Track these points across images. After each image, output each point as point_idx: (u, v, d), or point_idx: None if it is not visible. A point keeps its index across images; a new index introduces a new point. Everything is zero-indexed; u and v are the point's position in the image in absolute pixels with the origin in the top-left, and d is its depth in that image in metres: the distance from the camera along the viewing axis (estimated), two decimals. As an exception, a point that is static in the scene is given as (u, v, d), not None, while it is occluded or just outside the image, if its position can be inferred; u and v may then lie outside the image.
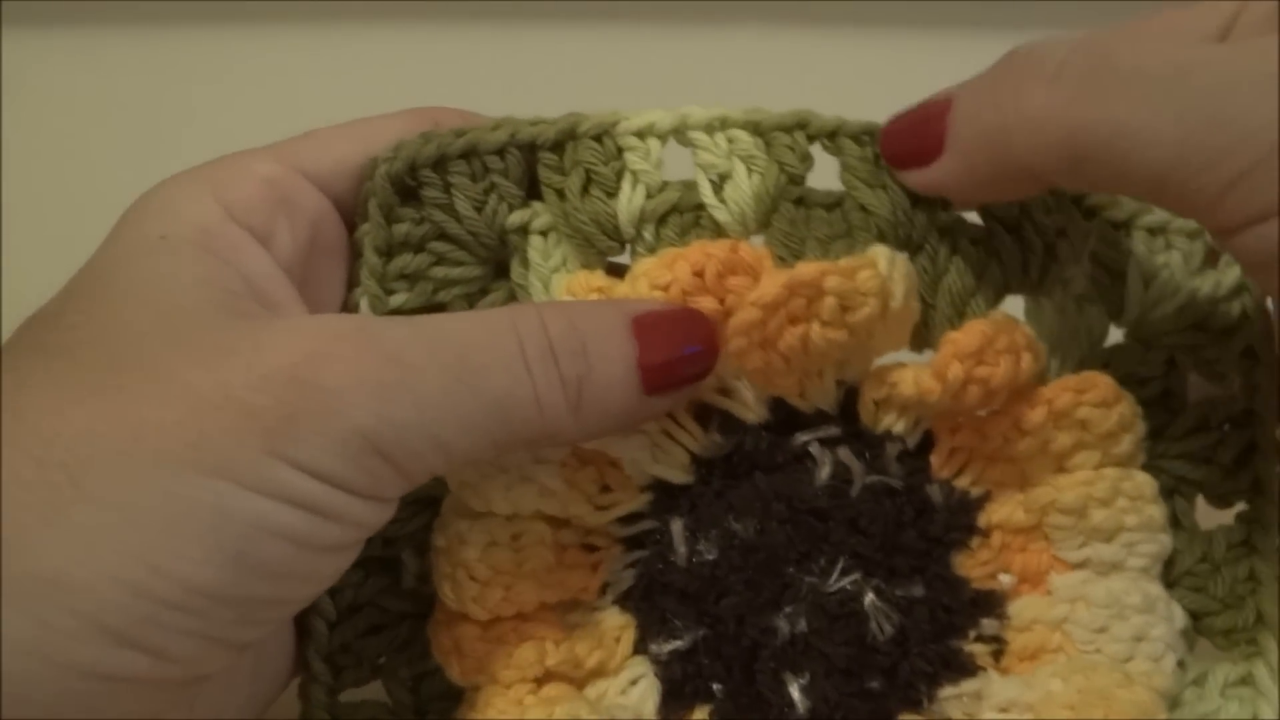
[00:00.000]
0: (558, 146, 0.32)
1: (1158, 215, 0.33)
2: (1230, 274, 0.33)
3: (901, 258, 0.31)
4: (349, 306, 0.33)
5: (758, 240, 0.32)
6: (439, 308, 0.33)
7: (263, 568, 0.26)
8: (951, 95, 0.30)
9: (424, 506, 0.33)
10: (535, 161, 0.33)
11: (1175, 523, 0.33)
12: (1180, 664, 0.32)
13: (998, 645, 0.33)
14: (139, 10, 0.59)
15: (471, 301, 0.33)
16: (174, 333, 0.27)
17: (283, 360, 0.26)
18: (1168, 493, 0.33)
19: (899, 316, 0.31)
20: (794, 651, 0.32)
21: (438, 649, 0.32)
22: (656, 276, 0.30)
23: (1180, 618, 0.33)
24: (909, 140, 0.31)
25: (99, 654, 0.24)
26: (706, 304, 0.30)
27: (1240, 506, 0.34)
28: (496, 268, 0.33)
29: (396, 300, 0.32)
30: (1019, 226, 0.33)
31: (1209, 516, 0.34)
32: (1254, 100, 0.25)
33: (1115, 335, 0.34)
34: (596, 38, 0.58)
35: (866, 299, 0.30)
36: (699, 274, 0.30)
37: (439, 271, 0.33)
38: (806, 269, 0.30)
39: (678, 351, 0.30)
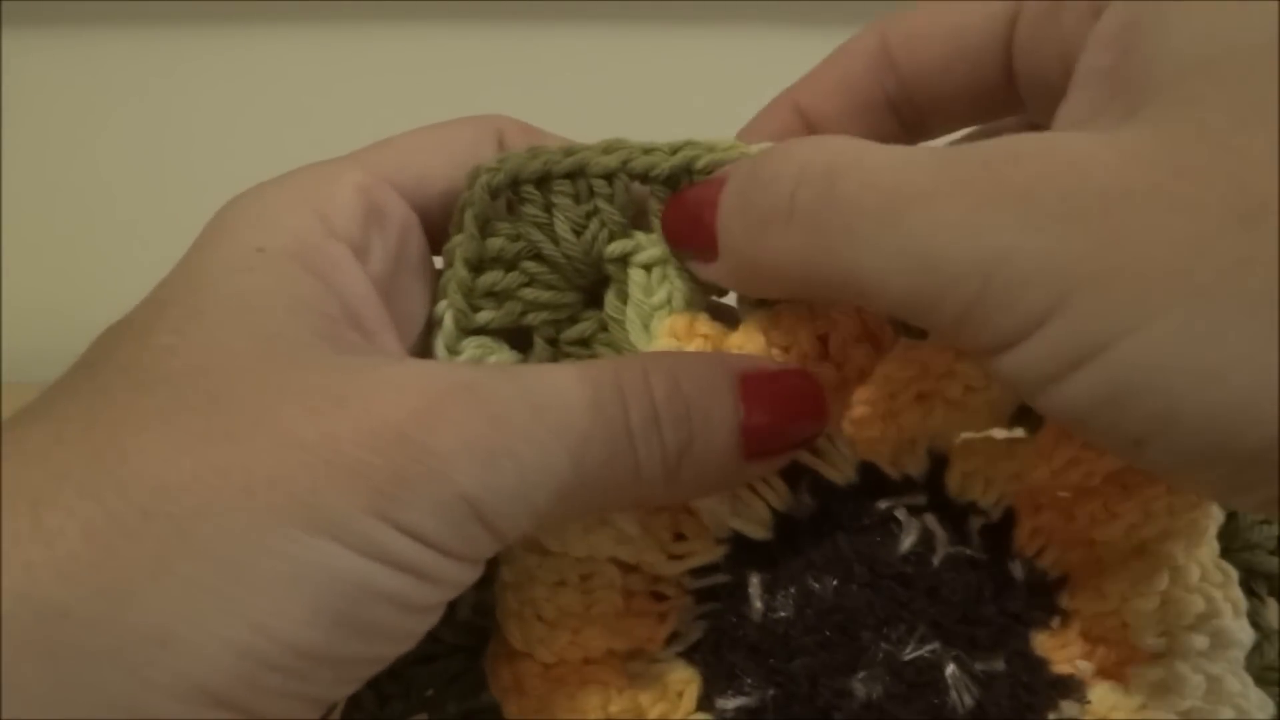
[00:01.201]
0: (673, 181, 0.31)
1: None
2: None
3: None
4: (433, 321, 0.32)
5: None
6: (525, 330, 0.32)
7: (364, 630, 0.25)
8: (716, 197, 0.29)
9: None
10: (645, 189, 0.32)
11: (1252, 621, 0.32)
12: None
13: None
14: (139, 10, 0.59)
15: (559, 328, 0.32)
16: (278, 369, 0.26)
17: (391, 416, 0.25)
18: (1243, 587, 0.32)
19: (1009, 398, 0.30)
20: (868, 717, 0.31)
21: (496, 684, 0.31)
22: (776, 337, 0.30)
23: (1270, 708, 0.32)
24: (686, 236, 0.30)
25: (196, 714, 0.23)
26: (826, 372, 0.30)
27: None
28: (590, 296, 0.32)
29: (482, 317, 0.31)
30: None
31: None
32: (956, 237, 0.24)
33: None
34: (596, 38, 0.58)
35: (991, 383, 0.29)
36: (823, 339, 0.30)
37: (529, 293, 0.32)
38: (943, 356, 0.29)
39: (785, 418, 0.29)
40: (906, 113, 0.33)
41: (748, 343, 0.30)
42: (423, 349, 0.32)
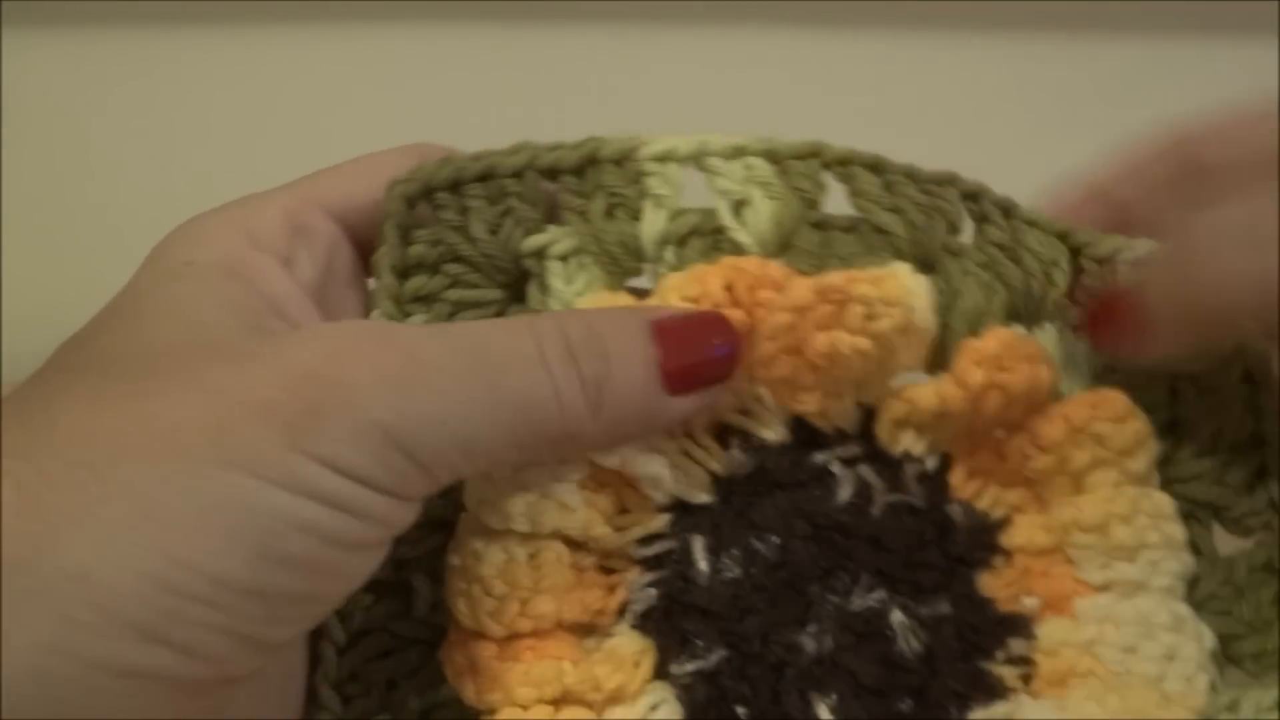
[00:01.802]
0: (579, 171, 0.33)
1: (1140, 248, 0.33)
2: None
3: (921, 276, 0.31)
4: None
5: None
6: None
7: (287, 562, 0.26)
8: (1137, 290, 0.32)
9: (436, 529, 0.33)
10: (555, 186, 0.33)
11: (1194, 549, 0.33)
12: (1213, 686, 0.32)
13: (1026, 668, 0.32)
14: (139, 10, 0.59)
15: None
16: (201, 345, 0.28)
17: (305, 359, 0.27)
18: (1183, 517, 0.33)
19: (920, 331, 0.31)
20: (821, 671, 0.31)
21: (451, 669, 0.32)
22: (686, 289, 0.31)
23: (1209, 638, 0.32)
24: (1112, 329, 0.33)
25: (125, 649, 0.24)
26: (735, 316, 0.30)
27: (1259, 535, 0.34)
28: (514, 292, 0.34)
29: (413, 322, 0.33)
30: (1018, 257, 0.33)
31: (1228, 545, 0.34)
32: None
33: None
34: (596, 38, 0.58)
35: (891, 307, 0.30)
36: (729, 288, 0.30)
37: (454, 294, 0.33)
38: (835, 277, 0.30)
39: (700, 351, 0.30)
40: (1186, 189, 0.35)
41: (661, 302, 0.31)
42: None
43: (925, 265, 0.33)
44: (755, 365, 0.31)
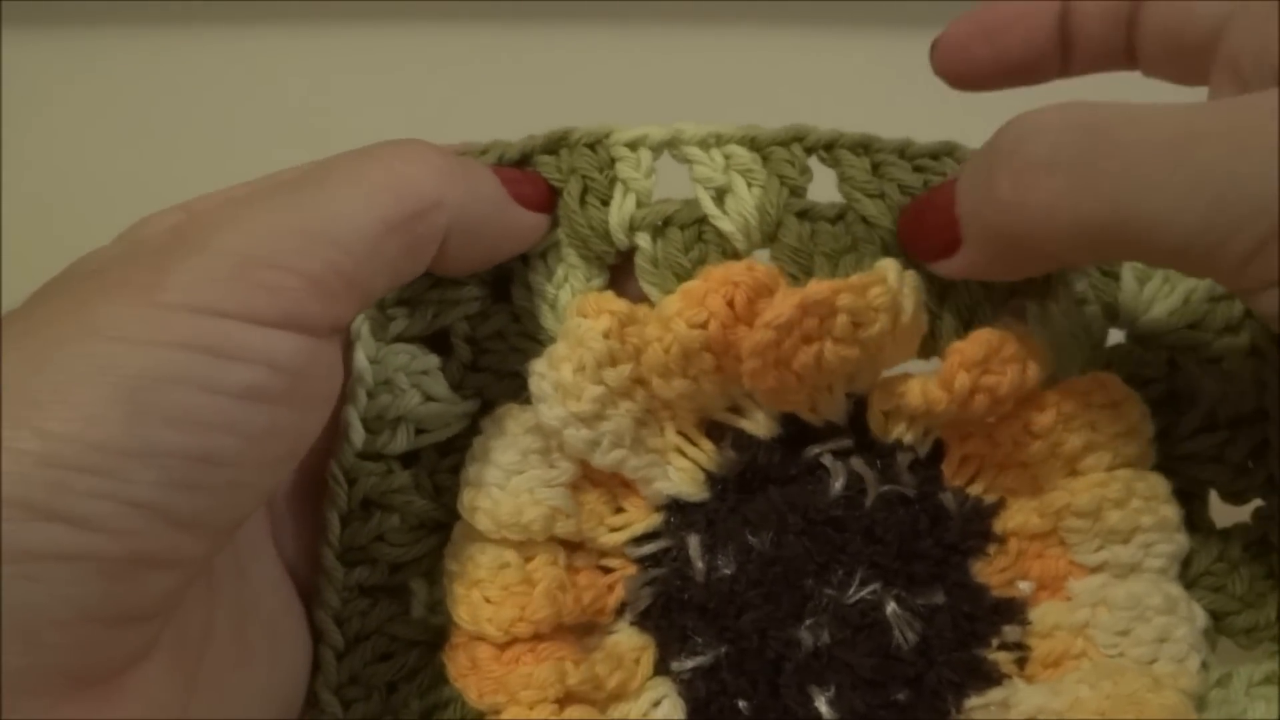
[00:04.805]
0: (551, 151, 0.33)
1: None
2: None
3: (910, 271, 0.31)
4: (353, 335, 0.33)
5: (762, 255, 0.32)
6: (442, 332, 0.33)
7: (164, 416, 0.24)
8: (953, 187, 0.30)
9: (431, 532, 0.33)
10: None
11: (1190, 524, 0.33)
12: (1204, 665, 0.32)
13: (1021, 653, 0.32)
14: (139, 10, 0.59)
15: (474, 324, 0.33)
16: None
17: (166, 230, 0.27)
18: (1180, 494, 0.33)
19: (909, 330, 0.31)
20: (819, 664, 0.32)
21: (455, 671, 0.32)
22: (690, 315, 0.30)
23: (1201, 617, 0.32)
24: (924, 239, 0.31)
25: (16, 530, 0.23)
26: (743, 332, 0.30)
27: (1256, 503, 0.34)
28: (496, 290, 0.34)
29: (397, 326, 0.33)
30: None
31: (1224, 515, 0.34)
32: (1259, 171, 0.24)
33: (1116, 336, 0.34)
34: (596, 38, 0.58)
35: (878, 315, 0.30)
36: (730, 304, 0.30)
37: (436, 294, 0.33)
38: (819, 289, 0.30)
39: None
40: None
41: (666, 329, 0.30)
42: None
43: None
44: (743, 377, 0.31)
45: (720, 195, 0.32)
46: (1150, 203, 0.25)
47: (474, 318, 0.33)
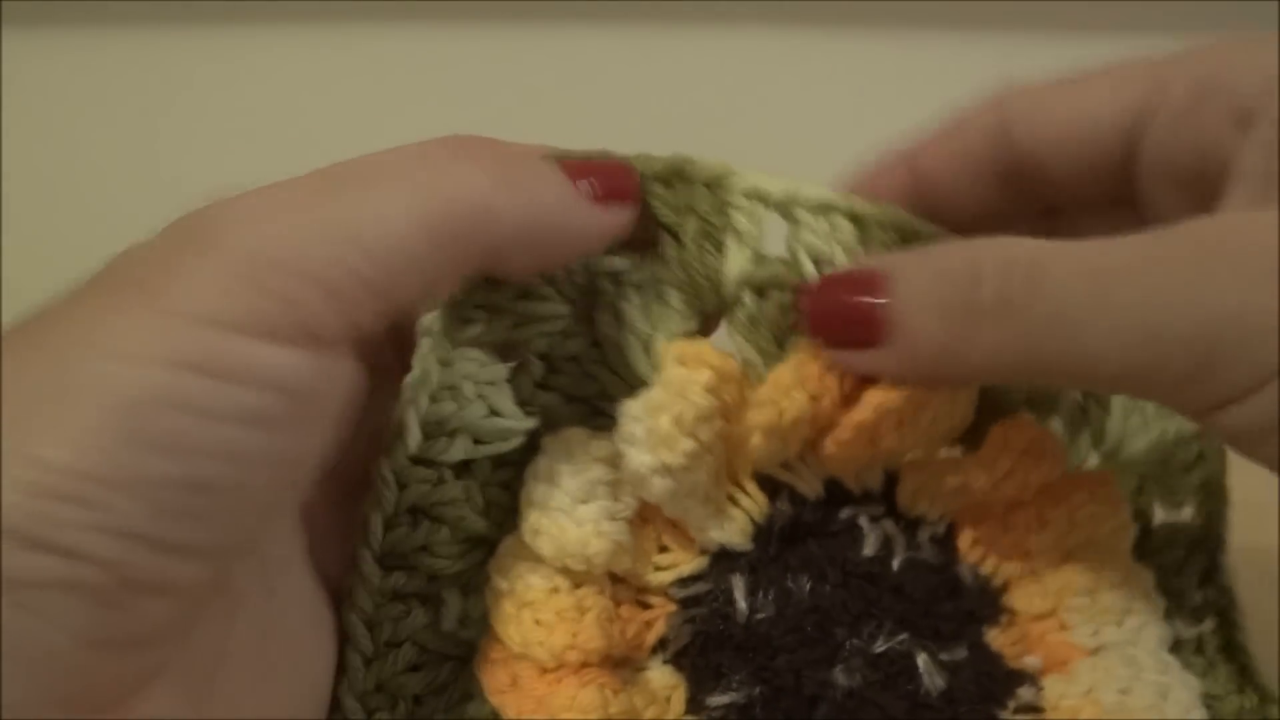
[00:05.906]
0: (667, 182, 0.32)
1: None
2: None
3: None
4: (421, 332, 0.32)
5: None
6: (514, 345, 0.32)
7: (156, 443, 0.23)
8: (885, 280, 0.29)
9: (473, 546, 0.33)
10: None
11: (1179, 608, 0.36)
12: None
13: (1037, 715, 0.34)
14: (139, 10, 0.59)
15: (552, 344, 0.33)
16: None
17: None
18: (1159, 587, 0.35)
19: (963, 425, 0.33)
20: (852, 704, 0.32)
21: (492, 686, 0.32)
22: (814, 389, 0.31)
23: (1195, 685, 0.34)
24: (842, 327, 0.30)
25: (18, 560, 0.22)
26: (843, 412, 0.31)
27: (1209, 623, 0.36)
28: (581, 309, 0.33)
29: (471, 331, 0.32)
30: None
31: None
32: (1180, 307, 0.25)
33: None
34: (596, 38, 0.58)
35: (954, 417, 0.32)
36: (841, 379, 0.31)
37: (520, 305, 0.32)
38: (918, 388, 0.31)
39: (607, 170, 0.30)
40: (1014, 185, 0.33)
41: (784, 399, 0.31)
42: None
43: None
44: (832, 443, 0.32)
45: (818, 264, 0.32)
46: (1081, 347, 0.26)
47: (554, 335, 0.33)
